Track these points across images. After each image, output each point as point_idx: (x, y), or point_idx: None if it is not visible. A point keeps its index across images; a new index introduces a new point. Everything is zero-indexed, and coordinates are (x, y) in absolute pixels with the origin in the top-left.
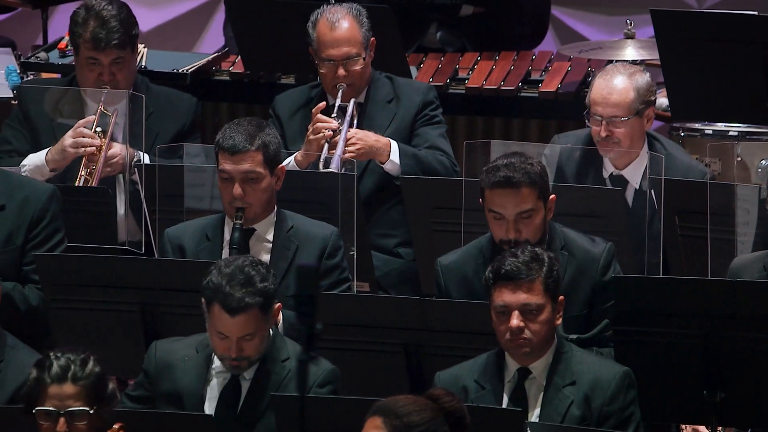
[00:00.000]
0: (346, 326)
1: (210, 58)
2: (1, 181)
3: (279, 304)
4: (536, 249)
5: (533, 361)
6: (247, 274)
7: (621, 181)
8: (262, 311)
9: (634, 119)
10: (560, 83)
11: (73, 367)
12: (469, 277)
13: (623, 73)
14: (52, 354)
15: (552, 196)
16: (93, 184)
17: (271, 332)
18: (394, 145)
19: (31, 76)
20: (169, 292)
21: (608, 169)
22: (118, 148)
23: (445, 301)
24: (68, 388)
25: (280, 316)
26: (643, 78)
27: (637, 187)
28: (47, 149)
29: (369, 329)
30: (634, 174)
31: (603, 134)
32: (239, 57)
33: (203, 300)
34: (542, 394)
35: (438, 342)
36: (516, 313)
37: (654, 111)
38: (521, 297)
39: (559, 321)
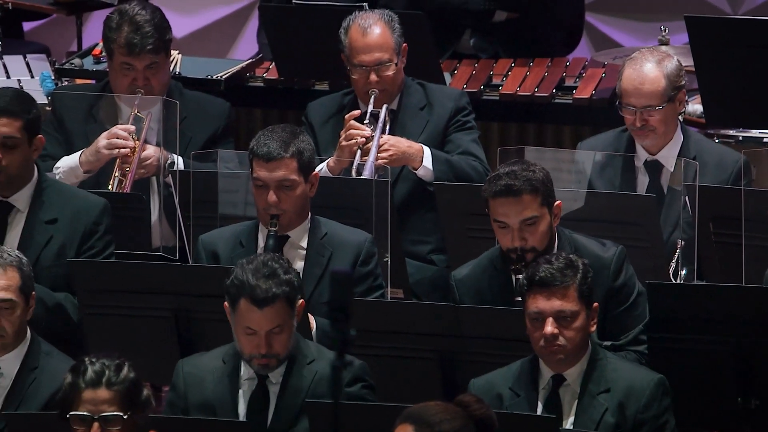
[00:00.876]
0: (380, 333)
1: (244, 64)
2: (53, 193)
3: (302, 300)
4: (571, 256)
5: (568, 368)
6: (271, 267)
7: (656, 166)
8: (288, 303)
9: (667, 106)
10: (594, 89)
11: (107, 372)
12: (483, 289)
13: (652, 60)
14: (87, 359)
15: (557, 202)
16: (126, 186)
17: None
18: (426, 151)
19: (66, 83)
20: (203, 299)
21: (641, 156)
22: (151, 150)
23: (479, 307)
24: (102, 393)
25: (313, 323)
26: (672, 63)
27: (672, 170)
28: (81, 151)
29: (403, 336)
30: (669, 157)
31: (638, 124)
32: (273, 63)
33: (226, 303)
34: (576, 401)
35: (472, 349)
36: (550, 319)
37: (685, 94)
38: (555, 304)
39: (593, 328)
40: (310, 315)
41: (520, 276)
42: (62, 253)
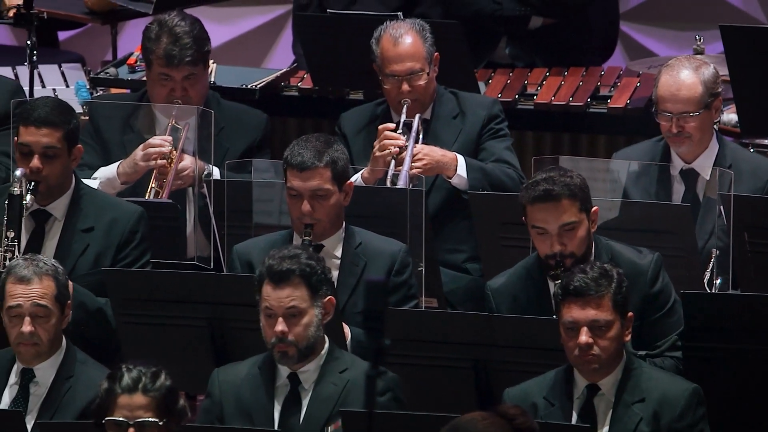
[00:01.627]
0: (414, 342)
1: (279, 73)
2: (89, 202)
3: (331, 297)
4: (605, 265)
5: (602, 377)
6: (294, 252)
7: (692, 175)
8: (307, 286)
9: (704, 113)
10: (629, 99)
11: (144, 378)
12: (519, 297)
13: (688, 67)
14: (123, 366)
15: (594, 208)
16: (163, 197)
17: (327, 344)
18: (460, 159)
19: (101, 92)
20: (238, 308)
21: (677, 164)
22: (188, 161)
23: (513, 317)
24: (138, 398)
25: (348, 332)
26: (709, 70)
27: (708, 178)
28: (119, 162)
29: (437, 345)
30: (705, 165)
31: (674, 130)
32: (308, 73)
33: (257, 298)
34: (611, 411)
35: (506, 358)
36: (585, 329)
37: (721, 101)
38: (590, 313)
39: (628, 337)
40: (344, 324)
41: (558, 281)
42: (99, 261)
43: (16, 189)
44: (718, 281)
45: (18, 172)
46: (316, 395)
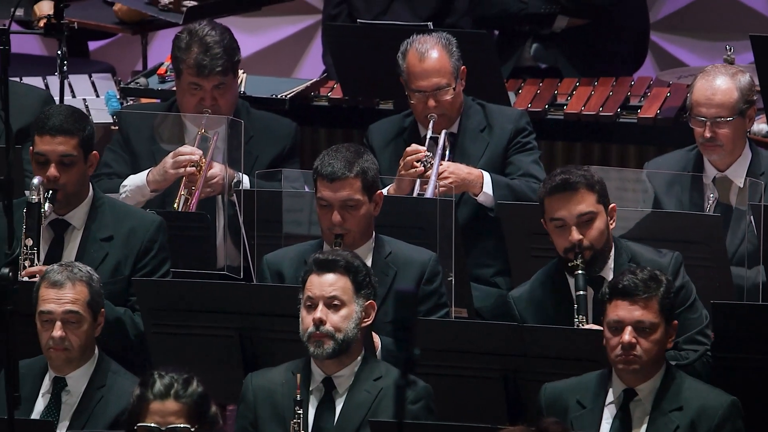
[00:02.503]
0: (444, 352)
1: (309, 83)
2: (108, 211)
3: (372, 301)
4: (655, 270)
5: (640, 382)
6: (343, 251)
7: (725, 182)
8: (353, 283)
9: (737, 119)
10: (659, 109)
11: (176, 385)
12: (542, 302)
13: (725, 73)
14: (155, 372)
15: (613, 204)
16: (192, 205)
17: (363, 351)
18: (486, 176)
19: (131, 102)
20: (268, 318)
21: (710, 173)
22: (217, 169)
23: (543, 327)
24: (170, 404)
25: (378, 341)
26: (745, 77)
27: (741, 186)
28: (148, 170)
29: (467, 355)
30: (738, 173)
31: (707, 135)
32: (337, 83)
33: (300, 297)
34: (647, 417)
35: (536, 368)
36: (629, 328)
37: (755, 110)
38: (636, 313)
39: (671, 344)
40: (374, 333)
41: (579, 273)
42: (118, 270)
43: (34, 197)
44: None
45: (35, 181)
46: (349, 401)
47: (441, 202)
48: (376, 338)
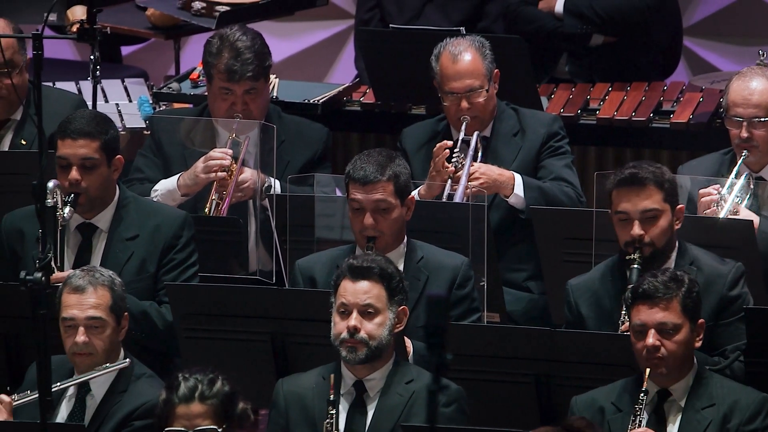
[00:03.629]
0: (477, 357)
1: (341, 88)
2: (133, 210)
3: (405, 307)
4: (677, 271)
5: (673, 382)
6: (376, 257)
7: (760, 184)
8: (386, 290)
9: None
10: (692, 114)
11: (200, 386)
12: (599, 293)
13: (761, 75)
14: (180, 375)
15: (680, 206)
16: (223, 209)
17: (394, 355)
18: (518, 178)
19: (163, 107)
20: (300, 323)
21: (744, 174)
22: (249, 173)
23: (575, 332)
24: (196, 407)
25: (410, 346)
26: None
27: None
28: (179, 174)
29: (499, 360)
30: None
31: (744, 135)
32: (370, 87)
33: (332, 300)
34: (680, 415)
35: (569, 373)
36: (652, 331)
37: None
38: (658, 315)
39: (699, 344)
40: (406, 338)
41: (634, 267)
42: (143, 267)
43: (50, 200)
44: None
45: (51, 184)
46: (381, 404)
47: (473, 207)
48: (408, 343)
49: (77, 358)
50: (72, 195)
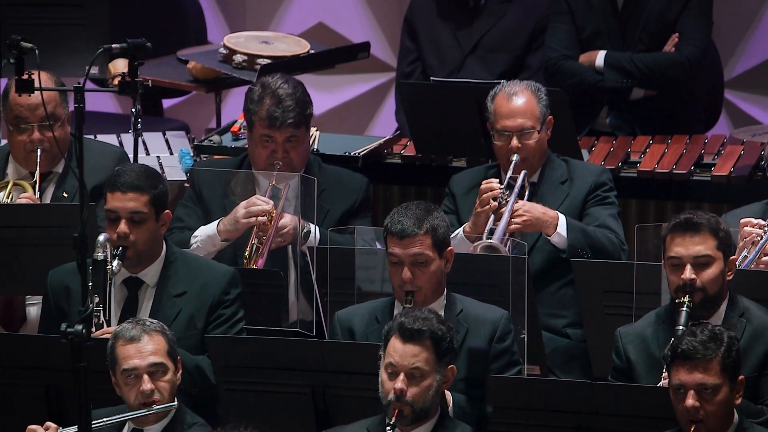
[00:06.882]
0: (517, 409)
1: (382, 141)
2: (181, 266)
3: (453, 366)
4: (716, 328)
5: None
6: (428, 315)
7: None
8: (435, 353)
9: None
10: (733, 167)
11: None
12: (648, 339)
13: None
14: (220, 429)
15: (733, 257)
16: (263, 253)
17: (440, 410)
18: (561, 218)
19: (204, 159)
20: (340, 375)
21: None
22: (288, 219)
23: (616, 384)
24: None
25: (450, 398)
26: None
27: None
28: (219, 219)
29: (540, 412)
30: None
31: None
32: (411, 140)
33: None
34: None
35: (609, 426)
36: (692, 392)
37: None
38: (697, 377)
39: (739, 401)
40: (446, 390)
41: (684, 309)
42: (191, 324)
43: (99, 254)
44: None
45: (101, 238)
46: None
47: (513, 259)
48: (448, 395)
49: (144, 408)
50: (120, 248)
